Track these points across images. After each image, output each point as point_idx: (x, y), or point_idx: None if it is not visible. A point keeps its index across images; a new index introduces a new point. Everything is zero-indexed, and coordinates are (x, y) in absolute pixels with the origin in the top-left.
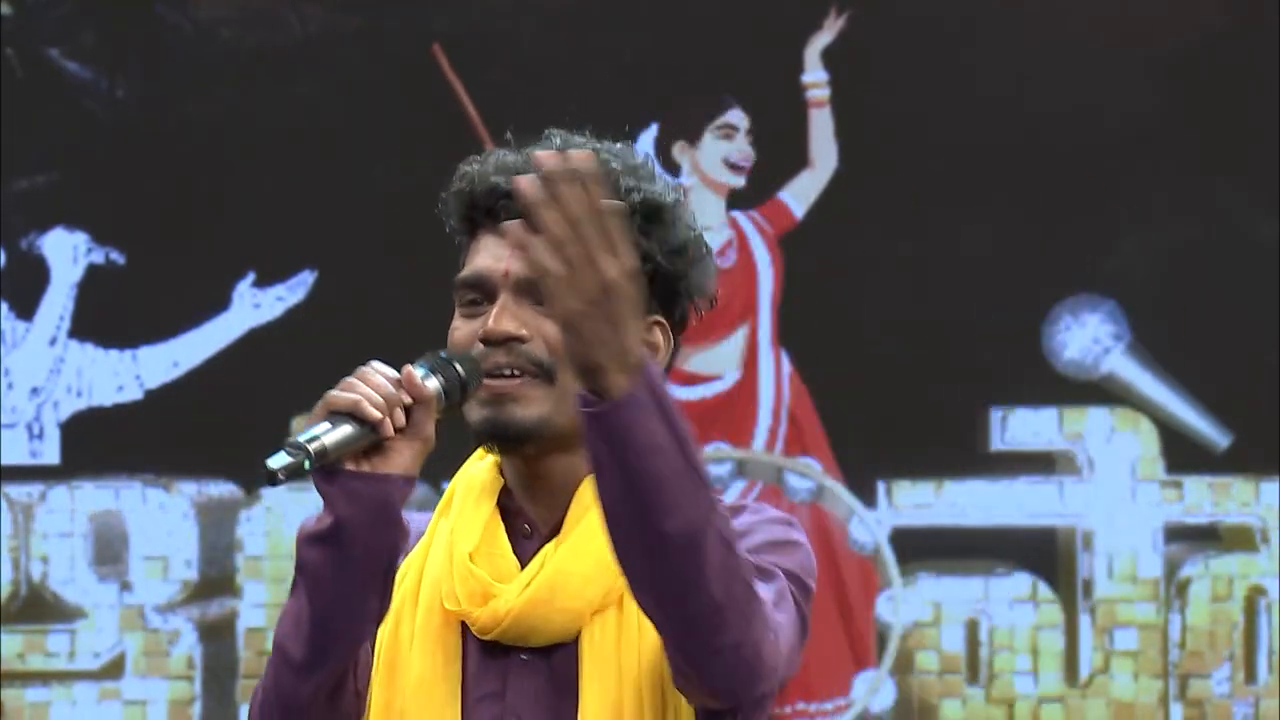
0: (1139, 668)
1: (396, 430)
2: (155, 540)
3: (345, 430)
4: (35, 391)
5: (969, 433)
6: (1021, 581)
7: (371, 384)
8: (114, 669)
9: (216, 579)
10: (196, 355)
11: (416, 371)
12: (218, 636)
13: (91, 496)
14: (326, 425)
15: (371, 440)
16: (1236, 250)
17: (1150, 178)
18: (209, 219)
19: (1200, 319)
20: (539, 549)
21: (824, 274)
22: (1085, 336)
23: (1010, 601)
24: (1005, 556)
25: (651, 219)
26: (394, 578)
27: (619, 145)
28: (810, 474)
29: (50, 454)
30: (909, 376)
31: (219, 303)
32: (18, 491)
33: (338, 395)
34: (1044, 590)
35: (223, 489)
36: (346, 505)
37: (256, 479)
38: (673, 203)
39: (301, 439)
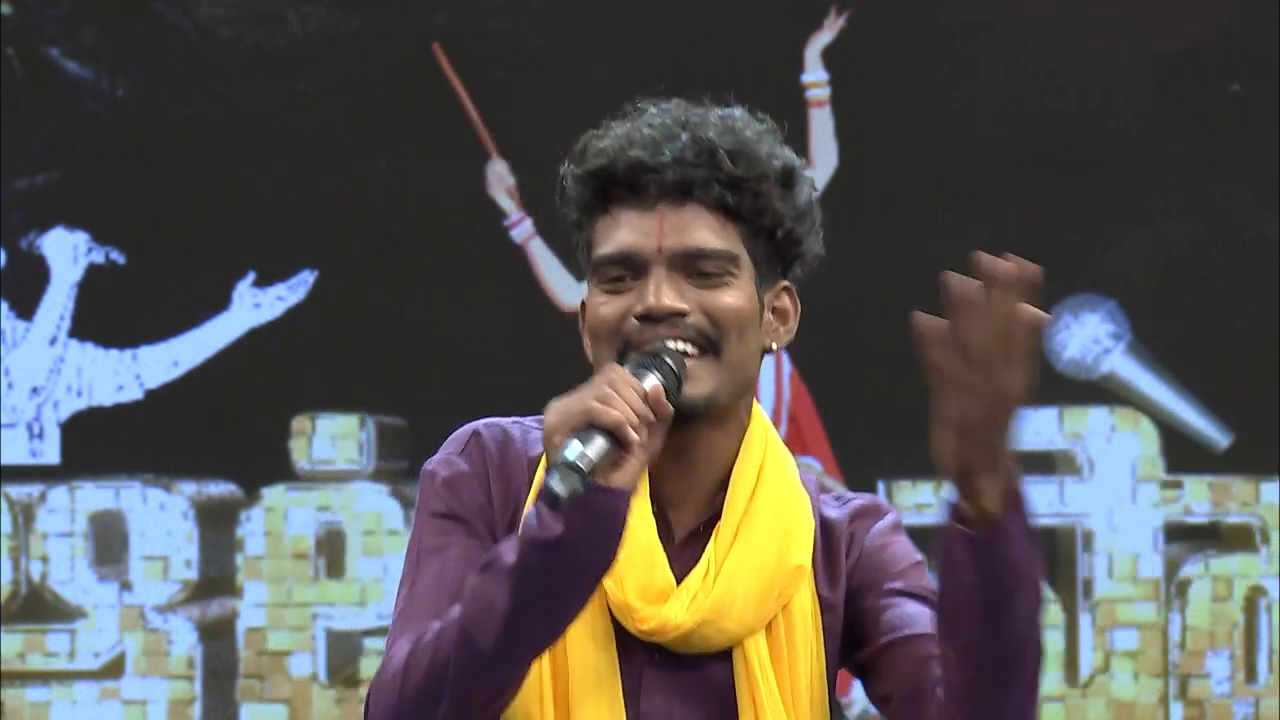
0: (1139, 667)
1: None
2: (155, 540)
3: (602, 447)
4: (35, 391)
5: None
6: None
7: (629, 400)
8: (114, 668)
9: (216, 579)
10: (197, 355)
11: (660, 388)
12: (218, 636)
13: (91, 496)
14: (586, 440)
15: (616, 456)
16: (1236, 250)
17: (1150, 177)
18: (209, 218)
19: (1200, 319)
20: (685, 543)
21: (824, 273)
22: (1085, 336)
23: None
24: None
25: (787, 184)
26: (597, 586)
27: (744, 111)
28: (810, 473)
29: (50, 454)
30: (909, 376)
31: (219, 302)
32: (18, 491)
33: (603, 411)
34: (1044, 590)
35: (223, 489)
36: (584, 521)
37: (256, 478)
38: (802, 166)
39: (573, 459)
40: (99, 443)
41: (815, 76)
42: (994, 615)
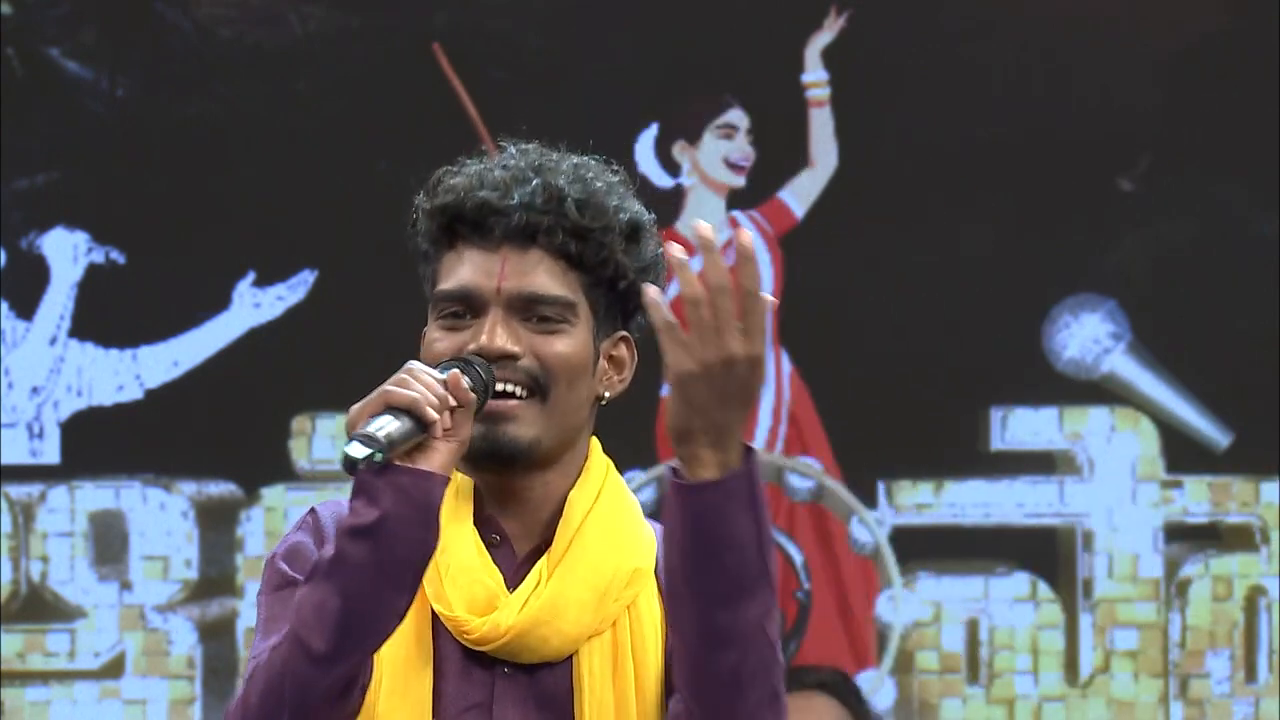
0: (1139, 667)
1: (443, 431)
2: (155, 540)
3: (404, 426)
4: (35, 391)
5: (969, 432)
6: (1021, 581)
7: (425, 384)
8: (114, 668)
9: (216, 579)
10: (197, 355)
11: (459, 374)
12: (218, 636)
13: (91, 496)
14: (387, 419)
15: (420, 439)
16: (1236, 249)
17: (1150, 176)
18: (209, 218)
19: (1200, 318)
20: (515, 562)
21: (824, 274)
22: (1085, 336)
23: (1010, 601)
24: (1005, 556)
25: (632, 238)
26: (422, 576)
27: (598, 161)
28: (810, 474)
29: (50, 453)
30: (909, 376)
31: (219, 302)
32: (18, 491)
33: (397, 392)
34: (1044, 590)
35: (223, 488)
36: (394, 501)
37: (256, 478)
38: (649, 223)
39: (372, 430)
40: (99, 442)
41: (815, 76)
42: (707, 593)
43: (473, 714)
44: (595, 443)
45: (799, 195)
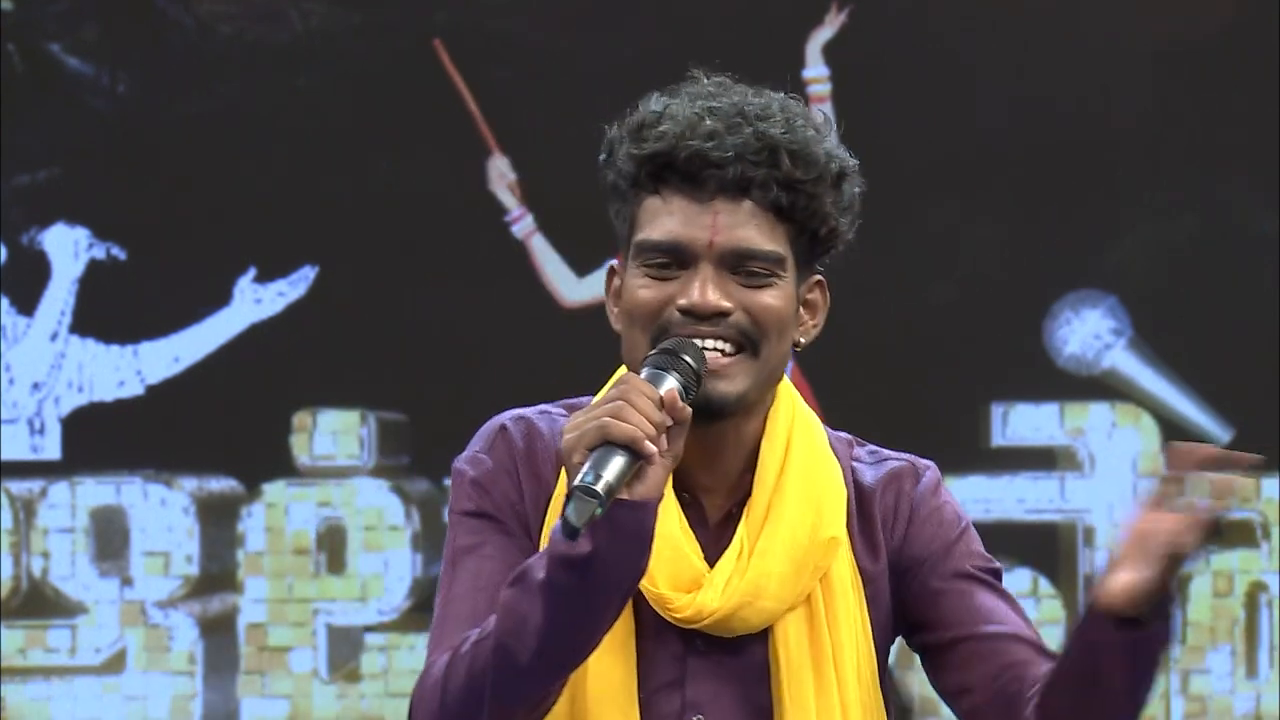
0: None
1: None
2: (156, 536)
3: (620, 464)
4: (36, 387)
5: (970, 428)
6: (1022, 577)
7: (643, 411)
8: (115, 664)
9: (217, 574)
10: (198, 350)
11: (675, 391)
12: (219, 632)
13: (92, 492)
14: (600, 460)
15: (638, 469)
16: (1237, 246)
17: (1151, 173)
18: (210, 214)
19: (1201, 314)
20: (714, 527)
21: (825, 270)
22: (1086, 332)
23: None
24: (1006, 552)
25: (837, 185)
26: (630, 597)
27: (799, 103)
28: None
29: (51, 449)
30: (910, 372)
31: (220, 298)
32: (19, 487)
33: (617, 426)
34: (1045, 586)
35: (224, 484)
36: (609, 537)
37: (257, 474)
38: (853, 168)
39: (590, 483)
40: (100, 438)
41: (816, 72)
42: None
43: (666, 692)
44: (785, 381)
45: None
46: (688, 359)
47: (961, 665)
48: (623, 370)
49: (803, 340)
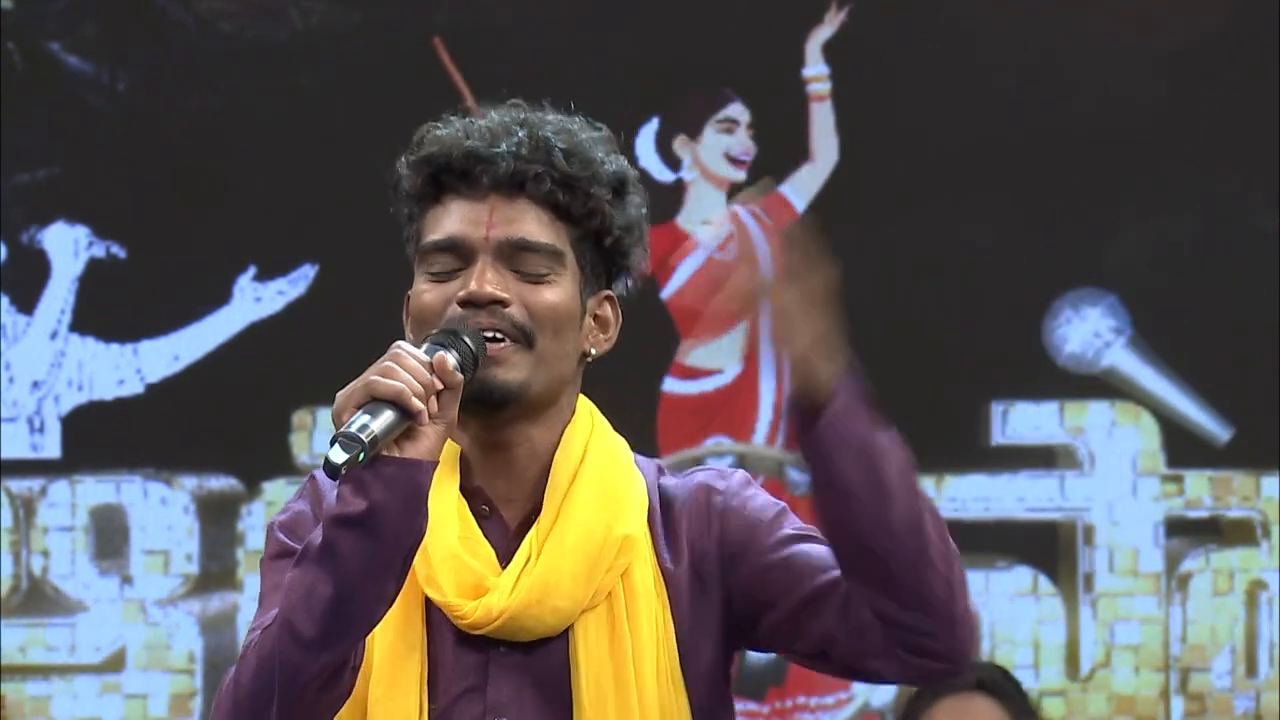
0: (1140, 661)
1: (429, 416)
2: (156, 534)
3: (388, 418)
4: (36, 385)
5: (970, 427)
6: (1022, 575)
7: (409, 369)
8: (115, 662)
9: (217, 573)
10: (197, 349)
11: (444, 356)
12: (219, 630)
13: (92, 490)
14: (369, 414)
15: (406, 426)
16: (1238, 244)
17: (1152, 172)
18: (210, 213)
19: (1201, 313)
20: (508, 533)
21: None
22: (1086, 330)
23: (1011, 595)
24: (1006, 550)
25: (619, 192)
26: (412, 562)
27: (581, 119)
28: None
29: (51, 448)
30: (909, 370)
31: (220, 296)
32: (18, 485)
33: (382, 383)
34: (1045, 584)
35: (224, 483)
36: (382, 491)
37: (257, 473)
38: (634, 179)
39: (354, 430)
40: (100, 437)
41: (816, 71)
42: (869, 506)
43: (468, 698)
44: (583, 398)
45: (800, 189)
46: (466, 340)
47: (814, 619)
48: None
49: (593, 351)
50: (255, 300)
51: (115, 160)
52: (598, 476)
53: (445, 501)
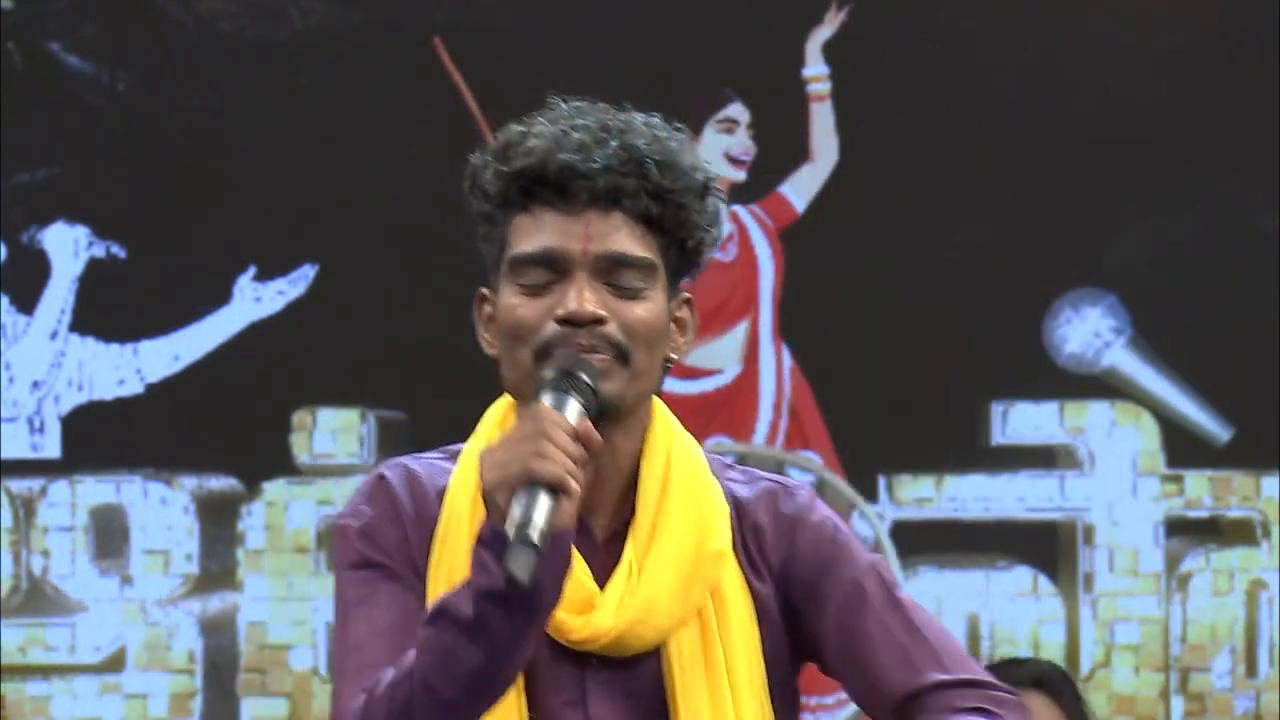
0: (1140, 661)
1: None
2: (156, 534)
3: (548, 504)
4: (36, 385)
5: (970, 426)
6: (1023, 575)
7: (563, 448)
8: (115, 662)
9: (217, 573)
10: (197, 349)
11: (587, 424)
12: (218, 630)
13: (92, 490)
14: (527, 504)
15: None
16: (1237, 244)
17: (1151, 171)
18: (210, 213)
19: (1201, 313)
20: (601, 548)
21: (825, 268)
22: (1086, 330)
23: (1011, 595)
24: (1006, 550)
25: (705, 194)
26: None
27: (660, 120)
28: (811, 468)
29: (51, 448)
30: (910, 370)
31: (220, 296)
32: (19, 485)
33: (543, 467)
34: (1045, 584)
35: (223, 483)
36: (543, 574)
37: (257, 472)
38: (715, 182)
39: (529, 533)
40: (100, 437)
41: (816, 71)
42: None
43: (569, 711)
44: (657, 401)
45: (800, 189)
46: (584, 376)
47: (861, 699)
48: (505, 400)
49: (674, 356)
50: (255, 300)
51: (115, 160)
52: (685, 488)
53: None
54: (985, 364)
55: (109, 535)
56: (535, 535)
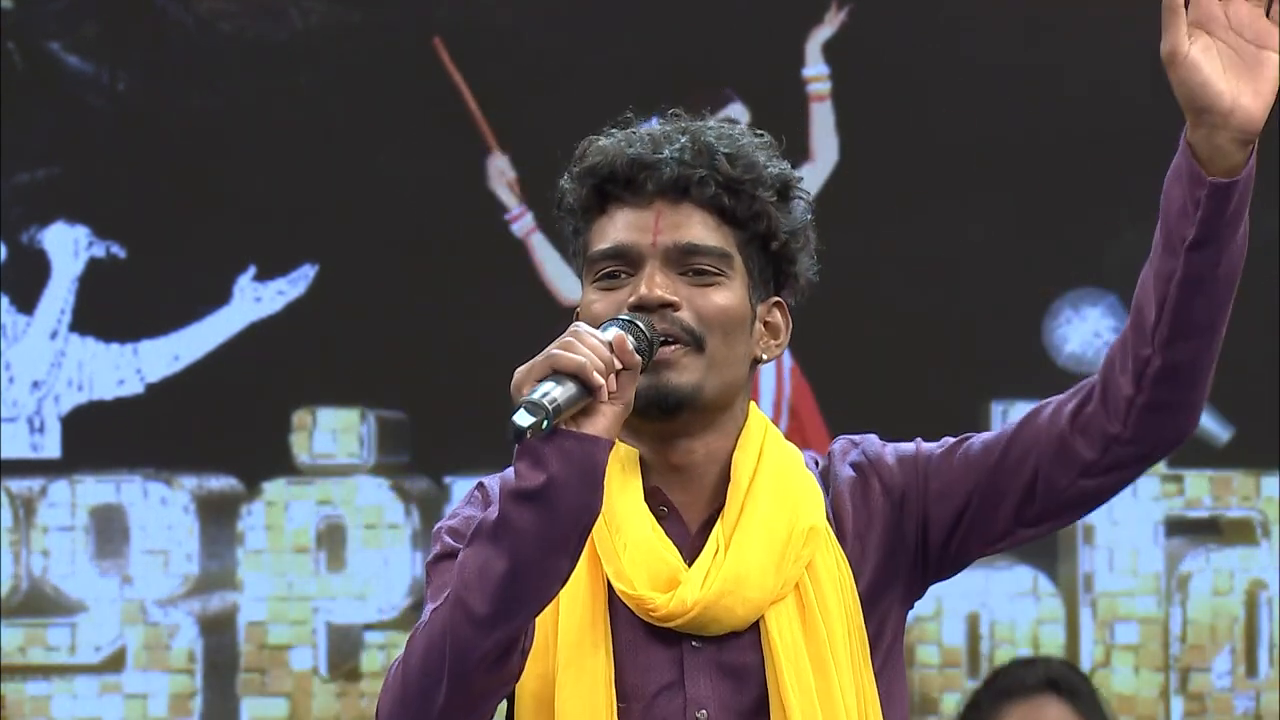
0: (1140, 661)
1: (608, 394)
2: (156, 534)
3: (570, 391)
4: (36, 385)
5: (970, 427)
6: (1022, 575)
7: (591, 346)
8: (115, 662)
9: (217, 573)
10: (197, 349)
11: (624, 336)
12: (219, 630)
13: (92, 490)
14: (553, 384)
15: (586, 403)
16: None
17: (1152, 171)
18: (210, 213)
19: None
20: (687, 534)
21: (825, 268)
22: (1086, 330)
23: (1011, 595)
24: (1006, 551)
25: (783, 195)
26: (585, 541)
27: (743, 126)
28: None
29: (51, 447)
30: (910, 370)
31: (220, 296)
32: (18, 485)
33: (564, 356)
34: (1045, 584)
35: (224, 483)
36: (561, 465)
37: (257, 472)
38: (799, 182)
39: (537, 398)
40: (100, 437)
41: (816, 71)
42: (1227, 277)
43: (667, 694)
44: (754, 406)
45: None
46: (641, 326)
47: (1016, 454)
48: None
49: (764, 357)
50: (255, 300)
51: (115, 160)
52: (776, 474)
53: (633, 499)
54: (985, 364)
55: (109, 535)
56: (544, 400)
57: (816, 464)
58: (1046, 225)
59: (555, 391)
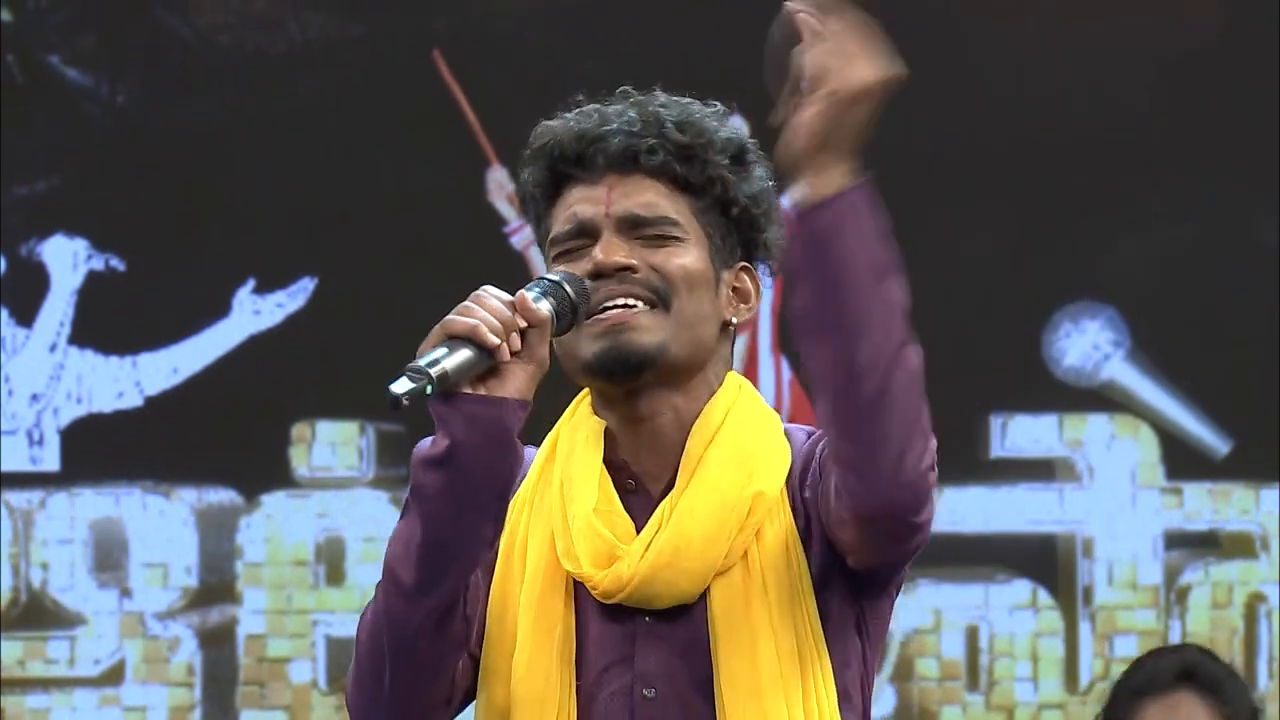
0: None
1: (512, 354)
2: (155, 547)
3: (464, 355)
4: (35, 398)
5: (969, 439)
6: (1021, 588)
7: (488, 308)
8: (114, 675)
9: (216, 585)
10: (196, 362)
11: (529, 294)
12: (218, 643)
13: (91, 503)
14: (444, 350)
15: (489, 364)
16: (1237, 256)
17: (1150, 183)
18: (209, 225)
19: (1200, 325)
20: (652, 506)
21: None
22: (1085, 343)
23: (1010, 608)
24: (1005, 563)
25: (738, 160)
26: (508, 503)
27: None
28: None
29: (50, 460)
30: None
31: (219, 309)
32: (18, 498)
33: (456, 320)
34: (1044, 597)
35: (223, 495)
36: (464, 429)
37: (256, 485)
38: (754, 146)
39: (422, 363)
40: (99, 449)
41: None
42: (833, 285)
43: (615, 670)
44: (733, 373)
45: None
46: (566, 287)
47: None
48: (584, 395)
49: (734, 320)
50: (254, 313)
51: (115, 172)
52: (735, 439)
53: (586, 474)
54: (984, 377)
55: (108, 548)
56: (428, 366)
57: (809, 436)
58: (1045, 238)
59: (445, 359)
